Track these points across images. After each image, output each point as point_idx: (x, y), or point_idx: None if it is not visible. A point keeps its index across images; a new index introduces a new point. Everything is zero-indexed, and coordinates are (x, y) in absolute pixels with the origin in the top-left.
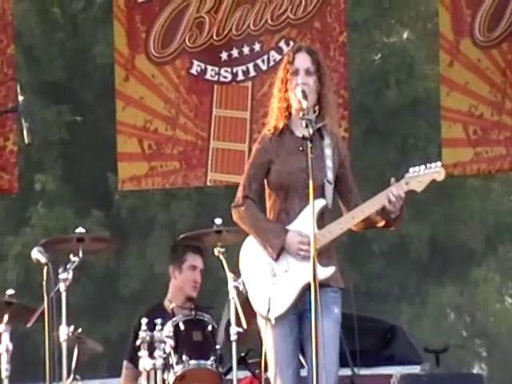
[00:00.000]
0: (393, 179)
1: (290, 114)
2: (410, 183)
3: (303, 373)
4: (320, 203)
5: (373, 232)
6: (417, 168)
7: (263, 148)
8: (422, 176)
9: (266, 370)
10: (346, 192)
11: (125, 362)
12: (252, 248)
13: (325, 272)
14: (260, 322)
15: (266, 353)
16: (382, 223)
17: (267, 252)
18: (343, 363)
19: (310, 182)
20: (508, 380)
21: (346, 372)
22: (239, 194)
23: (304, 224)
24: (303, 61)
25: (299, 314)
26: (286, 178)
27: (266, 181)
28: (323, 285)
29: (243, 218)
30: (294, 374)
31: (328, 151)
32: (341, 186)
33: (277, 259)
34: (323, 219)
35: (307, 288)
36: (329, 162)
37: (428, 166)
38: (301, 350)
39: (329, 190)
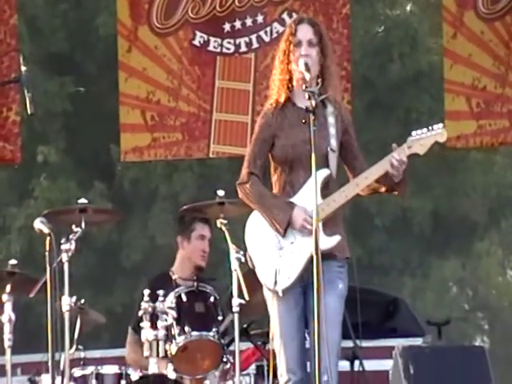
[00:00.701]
0: (394, 145)
1: (292, 85)
2: (413, 146)
3: (307, 345)
4: (324, 173)
5: (375, 206)
6: (419, 131)
7: (266, 123)
8: (424, 138)
9: (269, 341)
10: (351, 159)
11: (129, 329)
12: (258, 221)
13: (329, 241)
14: (267, 294)
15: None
16: (386, 188)
17: (274, 228)
18: (345, 335)
19: (313, 155)
20: (510, 352)
21: (349, 344)
22: (244, 170)
23: (308, 195)
24: (306, 32)
25: (305, 286)
26: (290, 152)
27: (270, 155)
28: (328, 256)
29: (249, 194)
30: (299, 346)
31: (331, 119)
32: (346, 153)
33: (284, 234)
34: (328, 188)
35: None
36: (332, 130)
37: (430, 128)
38: (305, 322)
39: (333, 158)
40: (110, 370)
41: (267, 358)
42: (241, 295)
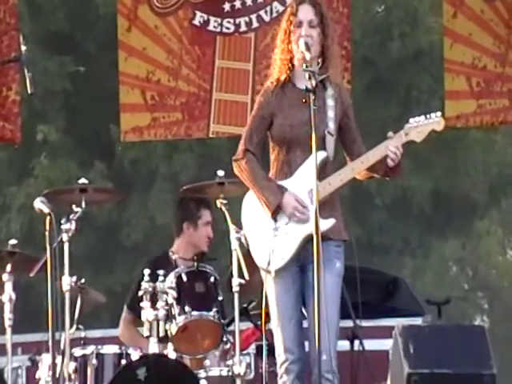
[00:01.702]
0: (390, 133)
1: (292, 65)
2: (410, 133)
3: (305, 324)
4: (321, 155)
5: (375, 186)
6: (417, 118)
7: (265, 101)
8: (421, 126)
9: (267, 321)
10: (349, 142)
11: (125, 307)
12: (253, 201)
13: (325, 224)
14: (263, 274)
15: (267, 304)
16: (381, 173)
17: (264, 209)
18: (345, 315)
19: (313, 134)
20: (509, 332)
21: (348, 324)
22: (240, 147)
23: (305, 176)
24: (307, 13)
25: (302, 266)
26: (288, 132)
27: (269, 134)
28: (325, 238)
29: (243, 171)
30: (296, 326)
31: (330, 101)
32: (344, 136)
33: (273, 216)
34: (325, 171)
35: (308, 240)
36: (330, 113)
37: (428, 116)
38: (302, 301)
39: (330, 141)
40: (111, 349)
41: (267, 338)
42: (241, 275)
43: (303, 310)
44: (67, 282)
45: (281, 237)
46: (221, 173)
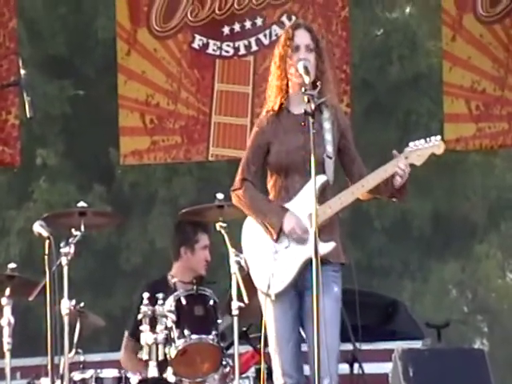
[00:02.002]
0: (395, 151)
1: (288, 91)
2: (410, 157)
3: (304, 347)
4: (320, 179)
5: (375, 209)
6: (417, 142)
7: (261, 130)
8: (421, 150)
9: (266, 344)
10: (348, 163)
11: (126, 333)
12: (253, 225)
13: (325, 247)
14: (261, 297)
15: (266, 328)
16: (386, 194)
17: (267, 232)
18: (345, 338)
19: (312, 158)
20: (509, 355)
21: (348, 347)
22: (237, 177)
23: (304, 201)
24: (303, 37)
25: (300, 291)
26: (285, 158)
27: (266, 163)
28: (323, 262)
29: (242, 200)
30: (294, 349)
31: (327, 124)
32: (344, 158)
33: (277, 238)
34: (325, 195)
35: (308, 264)
36: (328, 136)
37: (428, 139)
38: (301, 325)
39: (329, 165)
40: (110, 373)
41: (267, 361)
42: (240, 298)
43: (302, 332)
44: (66, 305)
45: (281, 260)
46: (220, 196)
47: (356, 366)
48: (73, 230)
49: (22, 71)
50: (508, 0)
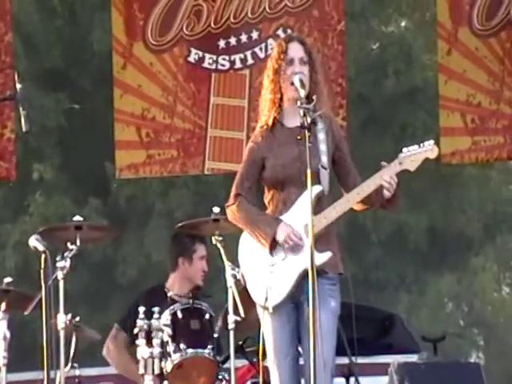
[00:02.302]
0: (383, 163)
1: (281, 105)
2: (404, 162)
3: (301, 361)
4: (316, 189)
5: (371, 222)
6: (410, 147)
7: (256, 145)
8: (415, 155)
9: (264, 358)
10: (344, 174)
11: (115, 325)
12: (250, 239)
13: (321, 258)
14: (259, 310)
15: (264, 341)
16: (377, 205)
17: (261, 243)
18: (341, 352)
19: (308, 171)
20: (505, 369)
21: (344, 360)
22: (232, 193)
23: (300, 212)
24: (297, 50)
25: (297, 303)
26: (281, 171)
27: (262, 178)
28: (320, 273)
29: (235, 215)
30: (292, 363)
31: (321, 135)
32: (339, 169)
33: (271, 248)
34: (320, 205)
35: (304, 275)
36: (323, 147)
37: (421, 144)
38: (298, 338)
39: (324, 175)
40: None
41: (263, 375)
42: (236, 312)
43: (299, 348)
44: (62, 319)
45: (278, 273)
46: (216, 209)
47: (352, 379)
48: (68, 243)
49: (18, 85)
50: (503, 14)
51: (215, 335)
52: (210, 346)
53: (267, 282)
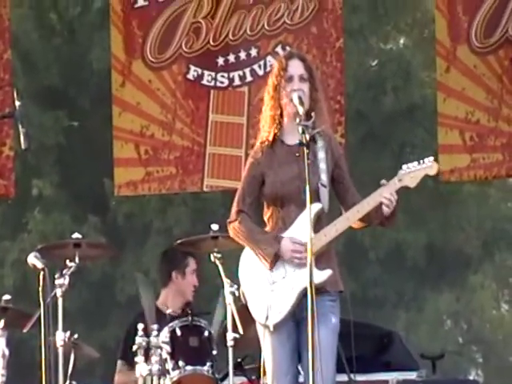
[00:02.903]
0: (383, 181)
1: (281, 121)
2: (404, 179)
3: (301, 379)
4: (316, 207)
5: (369, 240)
6: (410, 164)
7: (256, 161)
8: (414, 172)
9: (264, 375)
10: (343, 192)
11: (118, 361)
12: (251, 257)
13: (321, 276)
14: (259, 328)
15: (264, 359)
16: (376, 222)
17: (262, 262)
18: (340, 369)
19: (307, 188)
20: None
21: (343, 378)
22: (233, 209)
23: (300, 229)
24: (297, 67)
25: (297, 321)
26: (280, 189)
27: (261, 194)
28: (320, 291)
29: (238, 232)
30: (292, 381)
31: (321, 154)
32: (338, 187)
33: (271, 268)
34: (320, 223)
35: (305, 293)
36: (322, 165)
37: (421, 161)
38: (298, 356)
39: (324, 193)
40: None
41: None
42: (235, 329)
43: (299, 367)
44: (61, 337)
45: (278, 291)
46: (215, 227)
47: None
48: (67, 261)
49: (17, 103)
50: (501, 32)
51: (214, 352)
52: (208, 363)
53: (268, 300)
